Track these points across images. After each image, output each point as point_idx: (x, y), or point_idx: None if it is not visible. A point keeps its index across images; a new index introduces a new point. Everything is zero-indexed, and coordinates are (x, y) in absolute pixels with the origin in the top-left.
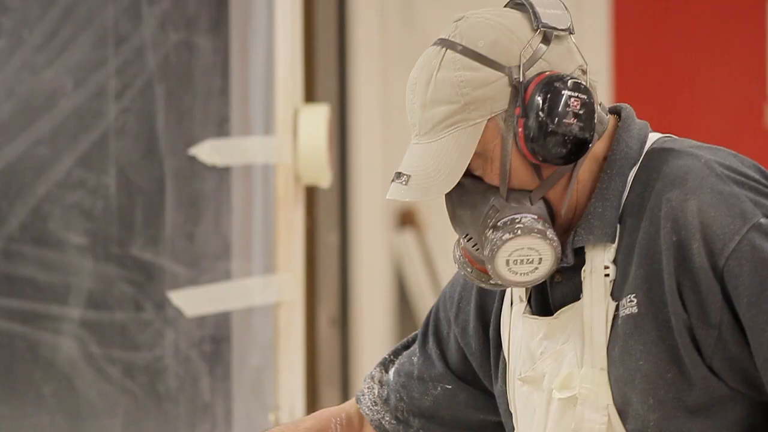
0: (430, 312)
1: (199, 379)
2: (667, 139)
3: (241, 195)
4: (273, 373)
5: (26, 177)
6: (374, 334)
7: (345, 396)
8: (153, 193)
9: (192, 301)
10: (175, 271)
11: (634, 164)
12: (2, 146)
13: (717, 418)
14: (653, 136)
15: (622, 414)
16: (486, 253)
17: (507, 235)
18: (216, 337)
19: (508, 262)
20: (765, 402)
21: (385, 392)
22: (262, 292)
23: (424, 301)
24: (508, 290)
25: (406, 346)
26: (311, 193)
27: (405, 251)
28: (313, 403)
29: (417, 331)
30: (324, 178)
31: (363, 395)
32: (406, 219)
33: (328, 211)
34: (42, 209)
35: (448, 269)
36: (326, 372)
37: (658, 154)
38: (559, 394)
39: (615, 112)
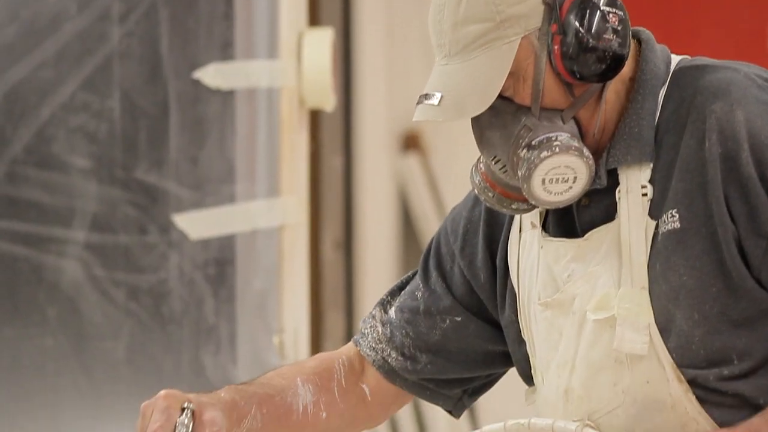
0: (429, 248)
1: (203, 302)
2: (692, 58)
3: (245, 118)
4: (277, 296)
5: (30, 100)
6: (378, 258)
7: (349, 319)
8: (157, 116)
9: (196, 224)
10: (179, 194)
11: (663, 84)
12: (6, 69)
13: (762, 330)
14: (675, 57)
15: (664, 332)
16: (521, 172)
17: (545, 153)
18: (220, 260)
19: (544, 180)
20: None
21: (389, 331)
22: (266, 215)
23: (428, 225)
24: (516, 218)
25: (402, 287)
26: (315, 117)
27: (409, 175)
28: (317, 326)
29: (411, 272)
30: (328, 101)
31: (363, 337)
32: (410, 143)
33: (333, 135)
34: (46, 132)
35: (452, 192)
36: (330, 295)
37: (690, 71)
38: (594, 315)
39: (632, 36)
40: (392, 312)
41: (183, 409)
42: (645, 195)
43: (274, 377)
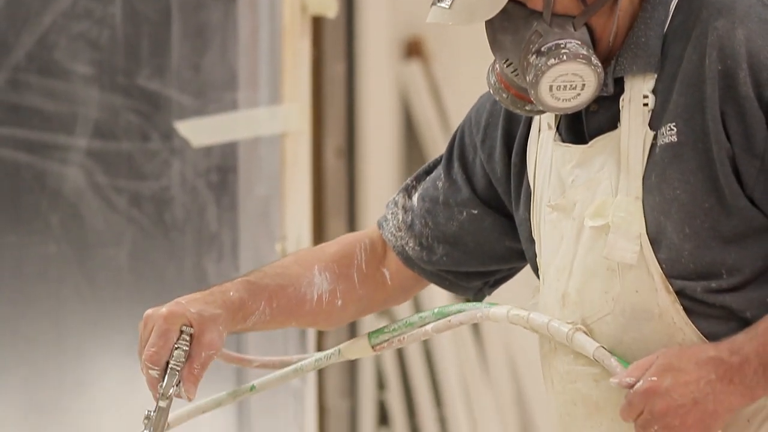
0: (455, 136)
1: (205, 209)
2: None
3: (247, 25)
4: (279, 203)
5: (32, 6)
6: (380, 165)
7: (351, 226)
8: (159, 23)
9: (198, 131)
10: (181, 101)
11: None
12: None
13: (752, 248)
14: None
15: (655, 243)
16: (529, 78)
17: (552, 60)
18: (222, 167)
19: (551, 87)
20: None
21: (410, 218)
22: (268, 122)
23: (431, 132)
24: (536, 117)
25: (428, 171)
26: (317, 24)
27: (411, 82)
28: (319, 234)
29: (438, 156)
30: (330, 8)
31: (386, 221)
32: (413, 49)
33: (335, 42)
34: (48, 39)
35: (454, 100)
36: (332, 202)
37: None
38: (591, 222)
39: None
40: (415, 199)
41: (181, 332)
42: (646, 105)
43: (292, 265)
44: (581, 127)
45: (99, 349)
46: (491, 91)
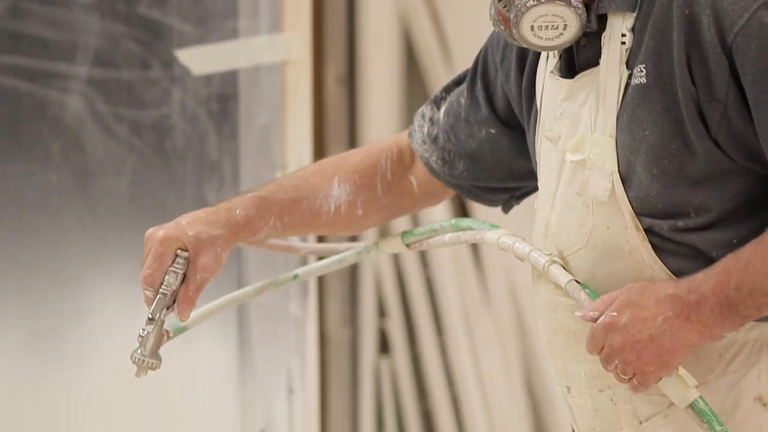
0: (480, 54)
1: (206, 137)
2: None
3: None
4: (280, 131)
5: None
6: (381, 93)
7: None
8: None
9: (199, 59)
10: (182, 29)
11: None
12: None
13: (718, 189)
14: None
15: (626, 181)
16: (511, 17)
17: (531, 2)
18: (223, 96)
19: (533, 27)
20: (766, 176)
21: (435, 131)
22: (269, 50)
23: (431, 60)
24: None
25: (458, 83)
26: None
27: (412, 9)
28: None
29: (469, 68)
30: None
31: (414, 131)
32: None
33: None
34: None
35: (455, 28)
36: (333, 130)
37: None
38: (571, 156)
39: None
40: (442, 112)
41: (177, 255)
42: (624, 44)
43: (312, 176)
44: (574, 60)
45: (99, 277)
46: (492, 22)
